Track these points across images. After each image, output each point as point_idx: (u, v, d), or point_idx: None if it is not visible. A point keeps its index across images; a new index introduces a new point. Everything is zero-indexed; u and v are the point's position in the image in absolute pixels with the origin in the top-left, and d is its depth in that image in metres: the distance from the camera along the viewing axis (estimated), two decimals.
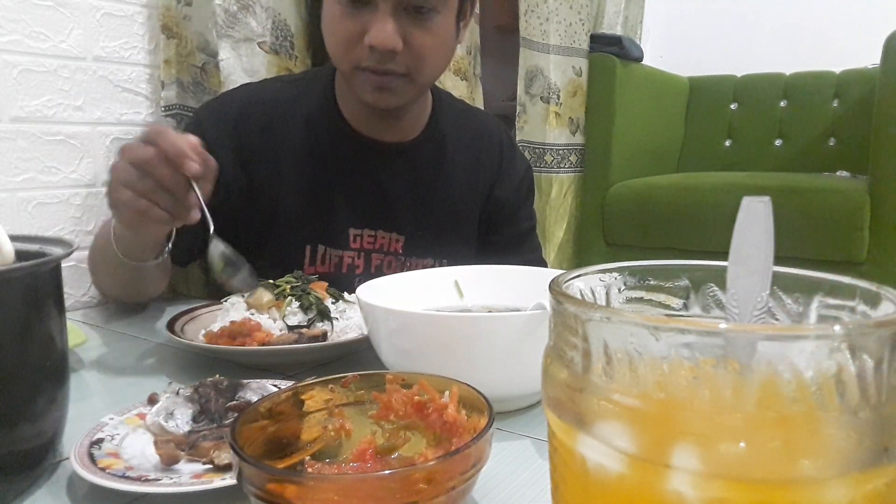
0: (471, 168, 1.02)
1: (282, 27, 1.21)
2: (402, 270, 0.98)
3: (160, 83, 1.12)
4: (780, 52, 2.68)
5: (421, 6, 0.79)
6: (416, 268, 0.99)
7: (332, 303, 0.74)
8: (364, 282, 0.95)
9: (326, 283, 0.76)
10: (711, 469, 0.22)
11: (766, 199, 0.27)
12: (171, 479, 0.41)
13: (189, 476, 0.42)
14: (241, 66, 1.15)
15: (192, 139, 0.67)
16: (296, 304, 0.72)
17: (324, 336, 0.68)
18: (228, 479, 0.40)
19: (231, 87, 1.13)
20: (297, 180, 0.89)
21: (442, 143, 1.00)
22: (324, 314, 0.71)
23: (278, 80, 1.01)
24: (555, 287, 0.28)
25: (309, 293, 0.73)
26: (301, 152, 0.93)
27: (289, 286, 0.74)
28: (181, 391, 0.51)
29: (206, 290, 1.13)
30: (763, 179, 2.08)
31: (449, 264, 1.00)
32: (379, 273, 0.97)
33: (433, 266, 1.00)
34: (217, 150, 0.90)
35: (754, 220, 0.27)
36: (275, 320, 0.70)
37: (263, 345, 0.66)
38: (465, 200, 1.03)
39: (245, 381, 0.54)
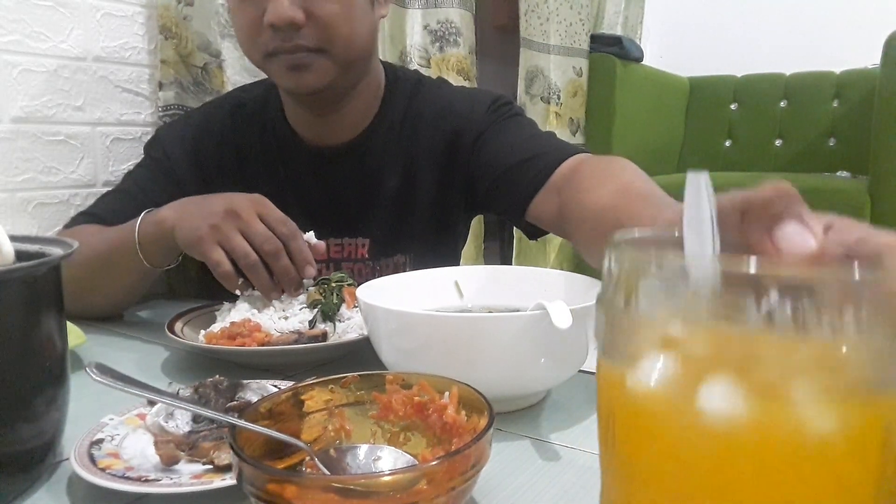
0: (439, 144, 0.92)
1: None
2: (373, 275, 0.92)
3: (157, 83, 1.12)
4: (780, 52, 2.68)
5: None
6: (387, 270, 0.95)
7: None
8: None
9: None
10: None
11: (705, 172, 0.29)
12: (171, 479, 0.41)
13: (189, 476, 0.42)
14: (244, 65, 1.15)
15: (321, 245, 0.73)
16: (297, 305, 0.72)
17: (324, 336, 0.68)
18: (228, 479, 0.40)
19: (234, 87, 1.13)
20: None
21: (394, 131, 0.92)
22: (326, 314, 0.71)
23: (236, 96, 1.00)
24: (618, 240, 0.30)
25: (323, 293, 0.72)
26: (256, 167, 0.93)
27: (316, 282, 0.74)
28: (181, 391, 0.51)
29: (203, 290, 1.13)
30: (763, 179, 2.08)
31: (419, 259, 0.95)
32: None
33: (404, 264, 0.96)
34: (178, 168, 0.91)
35: (698, 191, 0.29)
36: (280, 318, 0.70)
37: (263, 345, 0.66)
38: (434, 179, 0.93)
39: (245, 381, 0.54)
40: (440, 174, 0.93)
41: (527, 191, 0.82)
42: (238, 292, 0.71)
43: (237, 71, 1.14)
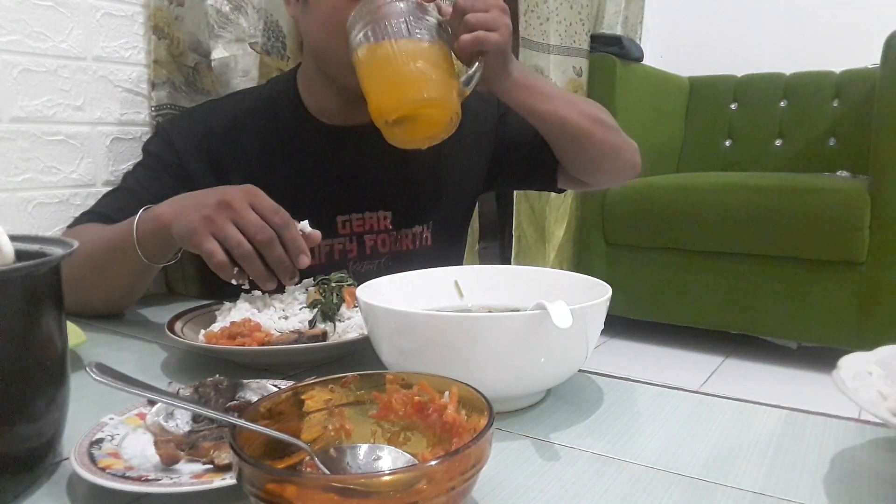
0: (465, 117, 0.95)
1: (273, 28, 1.21)
2: (395, 245, 0.99)
3: (150, 83, 1.12)
4: (780, 52, 2.68)
5: None
6: (406, 239, 1.00)
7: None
8: (360, 265, 0.96)
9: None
10: None
11: None
12: (171, 479, 0.41)
13: (189, 476, 0.42)
14: (234, 66, 1.15)
15: (316, 235, 0.73)
16: (297, 305, 0.72)
17: (324, 336, 0.68)
18: (228, 479, 0.40)
19: (224, 88, 1.14)
20: (272, 180, 0.86)
21: None
22: (326, 314, 0.71)
23: (239, 93, 1.04)
24: None
25: (323, 293, 0.72)
26: (272, 153, 0.94)
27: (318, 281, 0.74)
28: (181, 391, 0.51)
29: (203, 290, 1.13)
30: (763, 179, 2.08)
31: (438, 228, 1.03)
32: (374, 253, 0.98)
33: (421, 233, 1.02)
34: (187, 160, 0.92)
35: None
36: (280, 318, 0.70)
37: (263, 345, 0.66)
38: (460, 152, 1.01)
39: (245, 381, 0.54)
40: (467, 147, 1.00)
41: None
42: (234, 282, 0.71)
43: (226, 71, 1.14)
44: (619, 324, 2.23)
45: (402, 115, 0.74)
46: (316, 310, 0.71)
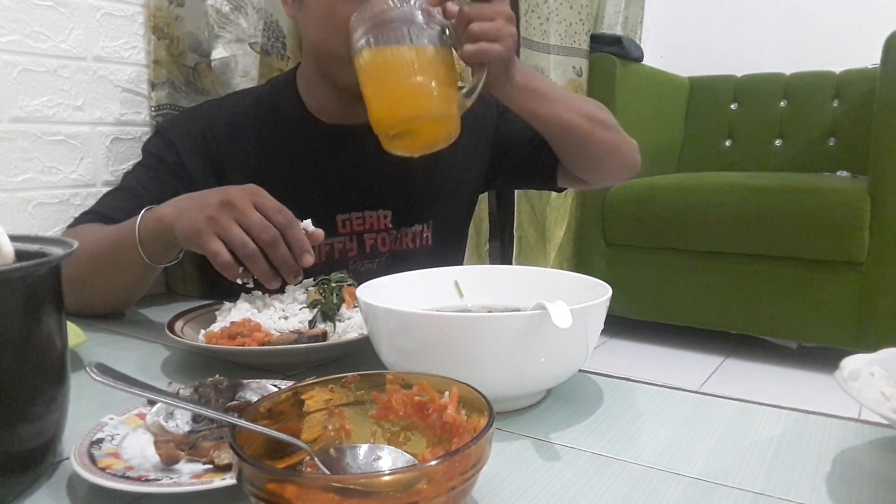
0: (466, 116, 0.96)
1: (273, 28, 1.21)
2: (395, 244, 1.00)
3: (150, 83, 1.12)
4: (780, 52, 2.68)
5: None
6: (406, 238, 1.00)
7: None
8: (360, 264, 0.96)
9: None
10: None
11: None
12: (171, 479, 0.41)
13: (189, 476, 0.42)
14: (234, 66, 1.15)
15: (319, 233, 0.73)
16: (297, 305, 0.72)
17: (324, 336, 0.68)
18: (228, 479, 0.40)
19: (223, 88, 1.14)
20: (272, 180, 0.85)
21: None
22: (326, 314, 0.71)
23: (238, 93, 1.04)
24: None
25: (323, 293, 0.72)
26: (272, 153, 0.94)
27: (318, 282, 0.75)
28: (181, 391, 0.51)
29: (203, 290, 1.13)
30: (763, 179, 2.08)
31: (438, 227, 1.03)
32: (374, 251, 0.98)
33: (422, 231, 1.02)
34: (187, 160, 0.92)
35: None
36: (280, 318, 0.70)
37: (263, 345, 0.66)
38: (460, 151, 0.99)
39: (245, 381, 0.54)
40: (466, 146, 0.99)
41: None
42: (239, 281, 0.71)
43: (226, 71, 1.14)
44: (619, 324, 2.23)
45: (402, 131, 0.74)
46: (316, 310, 0.71)
